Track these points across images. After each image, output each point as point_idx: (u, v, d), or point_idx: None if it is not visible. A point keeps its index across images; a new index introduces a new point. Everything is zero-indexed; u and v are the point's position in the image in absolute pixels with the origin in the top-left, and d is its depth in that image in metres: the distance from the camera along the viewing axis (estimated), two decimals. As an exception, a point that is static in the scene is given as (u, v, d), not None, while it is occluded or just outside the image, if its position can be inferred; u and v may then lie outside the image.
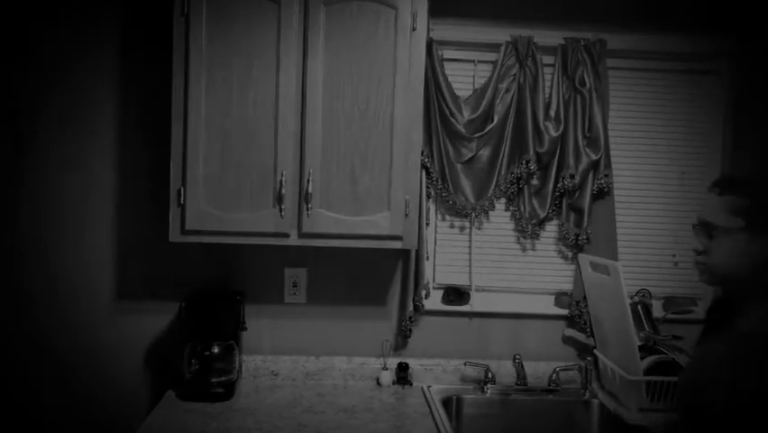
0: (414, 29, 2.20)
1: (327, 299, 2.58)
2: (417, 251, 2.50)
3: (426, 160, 2.49)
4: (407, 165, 2.22)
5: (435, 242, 2.65)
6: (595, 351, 2.50)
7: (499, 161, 2.53)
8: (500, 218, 2.65)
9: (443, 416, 2.23)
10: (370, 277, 2.60)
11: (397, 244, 2.25)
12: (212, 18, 2.15)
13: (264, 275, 2.55)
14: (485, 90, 2.51)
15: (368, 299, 2.60)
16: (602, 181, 2.50)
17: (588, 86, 2.49)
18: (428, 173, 2.53)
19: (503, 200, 2.63)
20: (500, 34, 2.53)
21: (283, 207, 2.19)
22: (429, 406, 2.32)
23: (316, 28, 2.16)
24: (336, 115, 2.19)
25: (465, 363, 2.54)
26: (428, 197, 2.57)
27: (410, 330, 2.57)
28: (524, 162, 2.51)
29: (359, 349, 2.59)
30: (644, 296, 2.55)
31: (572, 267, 2.63)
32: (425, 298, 2.55)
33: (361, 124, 2.20)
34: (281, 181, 2.17)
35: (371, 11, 2.18)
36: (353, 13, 2.18)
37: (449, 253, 2.66)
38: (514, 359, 2.51)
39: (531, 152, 2.50)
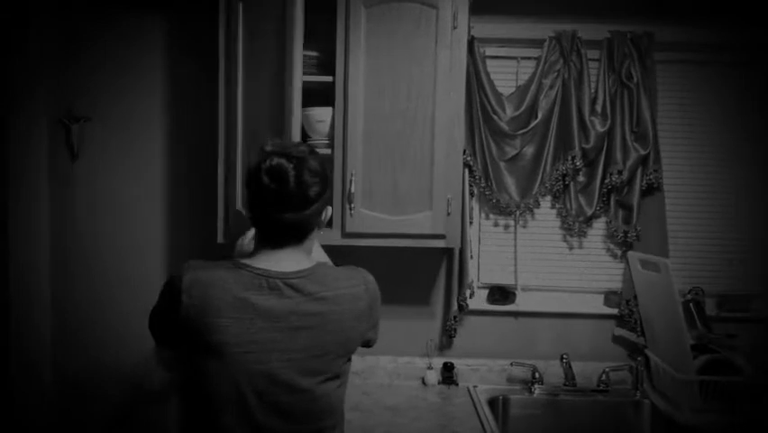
0: (455, 27, 2.25)
1: (372, 299, 2.64)
2: (461, 250, 2.54)
3: (469, 158, 2.54)
4: (449, 163, 2.27)
5: (479, 241, 2.69)
6: (646, 351, 2.50)
7: (544, 158, 2.56)
8: (546, 216, 2.67)
9: (489, 415, 2.27)
10: (415, 277, 2.65)
11: (439, 243, 2.30)
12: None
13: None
14: (528, 87, 2.54)
15: (412, 298, 2.65)
16: (651, 177, 2.50)
17: (635, 79, 2.49)
18: (471, 171, 2.57)
19: (548, 198, 2.65)
20: (543, 30, 2.55)
21: (326, 207, 2.26)
22: (475, 406, 2.37)
23: (357, 30, 2.23)
24: (377, 115, 2.25)
25: (511, 364, 2.57)
26: (471, 195, 2.61)
27: (455, 330, 2.61)
28: (569, 159, 2.52)
29: (404, 349, 2.65)
30: (696, 294, 2.53)
31: (622, 265, 2.63)
32: (470, 297, 2.59)
33: (401, 123, 2.25)
34: (324, 182, 2.25)
35: (412, 11, 2.24)
36: (393, 14, 2.24)
37: (493, 252, 2.69)
38: (561, 359, 2.52)
39: (576, 148, 2.51)
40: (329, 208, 1.54)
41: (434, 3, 2.23)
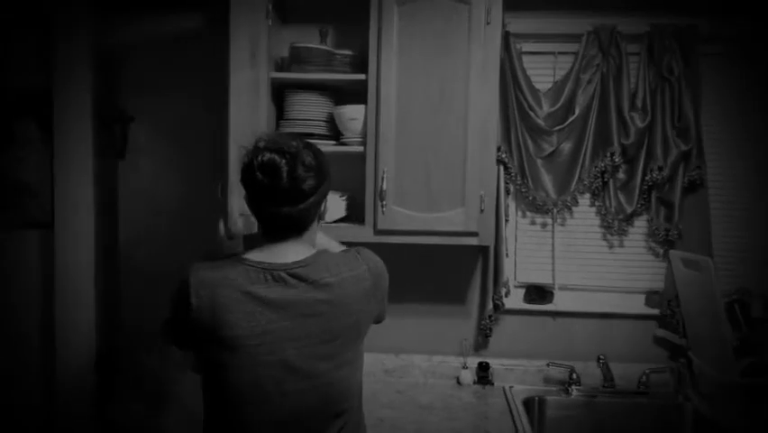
0: (488, 23, 2.24)
1: (407, 297, 2.65)
2: (496, 248, 2.52)
3: (504, 155, 2.51)
4: (482, 160, 2.26)
5: (516, 239, 2.66)
6: (689, 352, 2.43)
7: (582, 155, 2.51)
8: (585, 214, 2.62)
9: (524, 416, 2.24)
10: (450, 275, 2.64)
11: (472, 241, 2.28)
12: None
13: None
14: (565, 82, 2.51)
15: (447, 297, 2.64)
16: (694, 173, 2.43)
17: (676, 73, 2.42)
18: (506, 169, 2.54)
19: (587, 195, 2.60)
20: (581, 24, 2.51)
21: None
22: (509, 406, 2.34)
23: (390, 28, 2.24)
24: (410, 112, 2.26)
25: (548, 364, 2.53)
26: (507, 193, 2.58)
27: (490, 329, 2.59)
28: (608, 155, 2.47)
29: (439, 347, 2.64)
30: (743, 294, 2.44)
31: (664, 264, 2.56)
32: (505, 296, 2.57)
33: (434, 119, 2.25)
34: (357, 179, 2.27)
35: (444, 7, 2.24)
36: (426, 11, 2.24)
37: (530, 251, 2.66)
38: (598, 360, 2.47)
39: (616, 144, 2.46)
40: (328, 201, 1.58)
41: (467, -2, 2.23)
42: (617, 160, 2.46)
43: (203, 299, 1.44)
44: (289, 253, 1.49)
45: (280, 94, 2.47)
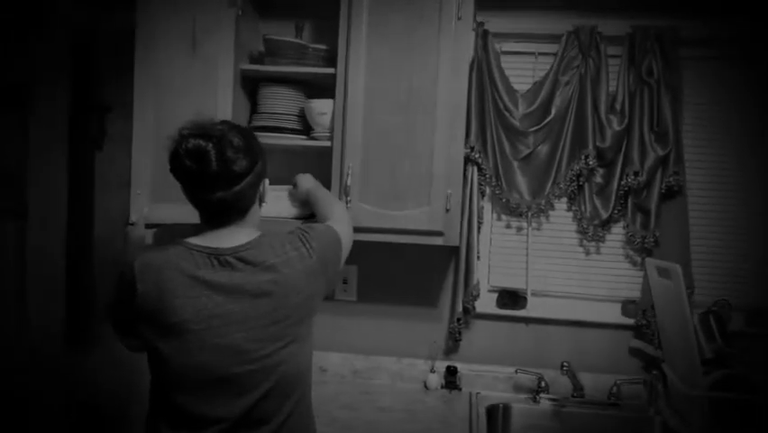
0: (459, 18, 2.21)
1: (378, 298, 2.62)
2: (467, 250, 2.48)
3: (478, 155, 2.47)
4: (450, 158, 2.22)
5: (491, 242, 2.62)
6: (662, 365, 2.36)
7: (558, 157, 2.47)
8: (561, 219, 2.58)
9: (483, 423, 2.20)
10: (422, 277, 2.61)
11: (437, 241, 2.25)
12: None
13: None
14: (543, 83, 2.47)
15: (419, 299, 2.61)
16: (672, 179, 2.37)
17: (656, 76, 2.37)
18: (480, 170, 2.50)
19: (565, 200, 2.55)
20: (563, 24, 2.47)
21: (322, 199, 2.26)
22: (470, 412, 2.29)
23: (359, 21, 2.22)
24: (378, 107, 2.24)
25: (516, 371, 2.48)
26: (482, 195, 2.54)
27: (459, 332, 2.54)
28: (583, 158, 2.42)
29: (409, 350, 2.61)
30: (722, 306, 2.37)
31: (641, 273, 2.50)
32: (475, 299, 2.52)
33: (402, 115, 2.23)
34: (322, 173, 2.25)
35: (415, 1, 2.22)
36: (397, 4, 2.22)
37: (505, 255, 2.62)
38: (561, 367, 2.41)
39: (590, 147, 2.41)
40: (266, 181, 1.58)
41: (437, -8, 2.21)
42: (591, 162, 2.41)
43: (148, 284, 1.43)
44: (234, 236, 1.49)
45: (256, 88, 2.47)
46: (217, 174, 1.42)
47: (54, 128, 2.64)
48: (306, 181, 2.13)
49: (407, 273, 2.61)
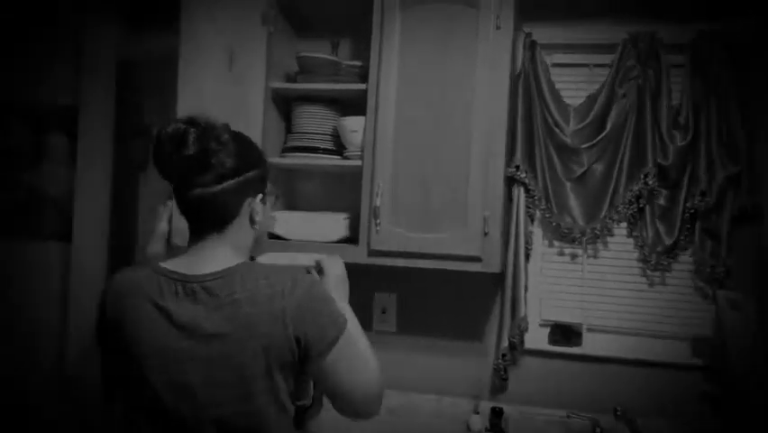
0: (498, 27, 2.07)
1: (418, 330, 2.46)
2: (514, 280, 2.29)
3: (524, 175, 2.28)
4: (488, 177, 2.07)
5: (541, 271, 2.41)
6: (736, 410, 2.06)
7: (614, 177, 2.25)
8: (621, 246, 2.34)
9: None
10: (466, 307, 2.43)
11: (474, 267, 2.08)
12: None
13: (352, 299, 2.49)
14: (597, 96, 2.27)
15: (463, 332, 2.43)
16: (745, 200, 2.10)
17: (726, 87, 2.12)
18: (528, 191, 2.31)
19: (624, 225, 2.31)
20: (618, 32, 2.27)
21: (351, 221, 2.15)
22: (513, 458, 2.08)
23: (392, 33, 2.13)
24: (409, 123, 2.12)
25: (569, 415, 2.23)
26: (531, 219, 2.35)
27: (504, 370, 2.33)
28: (642, 177, 2.19)
29: (450, 388, 2.42)
30: (808, 347, 2.06)
31: (713, 307, 2.21)
32: (522, 334, 2.30)
33: (436, 132, 2.10)
34: (350, 194, 2.14)
35: (450, 11, 2.11)
36: (431, 15, 2.12)
37: (557, 285, 2.40)
38: (615, 412, 2.14)
39: (650, 165, 2.18)
40: (265, 205, 1.42)
41: (474, 2, 2.07)
42: (650, 182, 2.18)
43: (114, 312, 1.36)
44: (210, 259, 1.34)
45: (291, 108, 2.40)
46: (193, 159, 1.28)
47: (99, 152, 2.67)
48: (336, 267, 1.56)
49: (450, 304, 2.44)
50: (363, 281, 2.46)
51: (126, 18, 2.68)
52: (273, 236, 2.24)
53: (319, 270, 1.52)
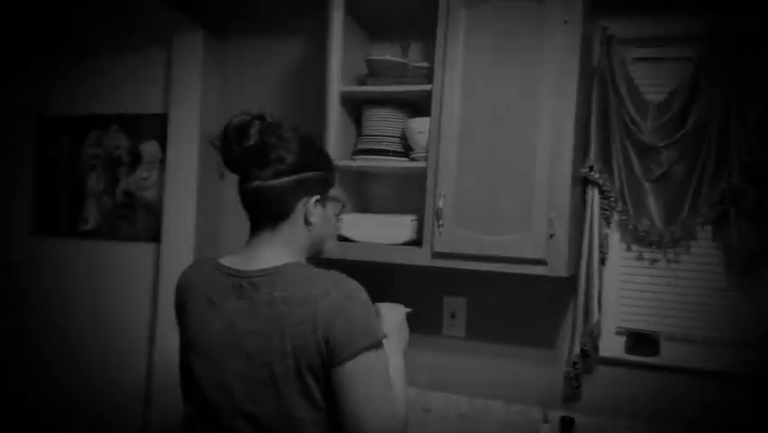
0: (565, 22, 2.00)
1: (488, 335, 2.41)
2: (587, 285, 2.19)
3: (599, 176, 2.19)
4: (553, 178, 1.99)
5: (618, 277, 2.30)
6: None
7: (696, 177, 2.11)
8: (705, 250, 2.19)
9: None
10: (537, 313, 2.36)
11: (539, 270, 2.01)
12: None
13: (422, 302, 2.48)
14: (678, 90, 2.14)
15: (534, 338, 2.36)
16: (843, 201, 1.91)
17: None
18: (602, 192, 2.21)
19: (710, 228, 2.17)
20: (700, 24, 2.13)
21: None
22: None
23: (456, 34, 2.10)
24: (475, 123, 2.08)
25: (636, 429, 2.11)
26: (608, 222, 2.25)
27: (576, 378, 2.24)
28: (725, 176, 2.04)
29: (520, 395, 2.35)
30: None
31: (810, 318, 2.03)
32: (594, 341, 2.21)
33: (500, 132, 2.05)
34: (414, 196, 2.13)
35: (516, 8, 2.05)
36: (497, 14, 2.07)
37: (635, 292, 2.28)
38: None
39: (735, 163, 2.03)
40: (316, 205, 1.44)
41: (540, -3, 2.01)
42: (734, 181, 2.02)
43: (180, 298, 1.47)
44: (262, 256, 1.40)
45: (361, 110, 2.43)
46: (252, 151, 1.35)
47: (186, 157, 2.81)
48: (394, 316, 1.60)
49: (522, 309, 2.38)
50: (433, 285, 2.46)
51: (211, 27, 2.81)
52: (342, 238, 2.27)
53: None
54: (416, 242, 2.25)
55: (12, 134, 3.25)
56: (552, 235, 1.98)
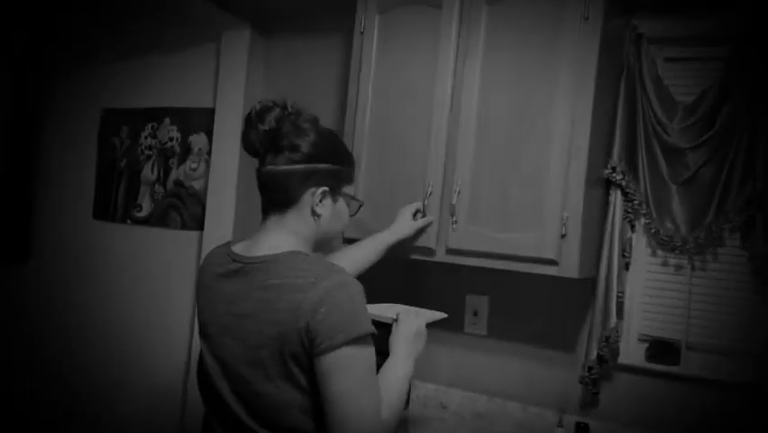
0: (586, 18, 1.97)
1: (509, 335, 2.40)
2: (606, 288, 2.15)
3: (621, 177, 2.14)
4: (568, 177, 1.97)
5: (644, 283, 2.24)
6: None
7: (722, 181, 2.03)
8: (733, 258, 2.11)
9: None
10: (560, 315, 2.33)
11: (550, 270, 1.99)
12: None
13: (445, 300, 2.49)
14: (708, 92, 2.07)
15: (554, 341, 2.33)
16: None
17: None
18: (626, 194, 2.16)
19: (738, 235, 2.08)
20: (732, 24, 2.05)
21: (426, 220, 2.16)
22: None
23: (477, 30, 2.11)
24: (490, 121, 2.09)
25: (661, 440, 2.05)
26: (632, 225, 2.19)
27: (593, 383, 2.19)
28: (751, 181, 1.96)
29: (538, 397, 2.32)
30: None
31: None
32: (612, 346, 2.15)
33: (516, 129, 2.05)
34: (430, 193, 2.14)
35: (536, 4, 2.03)
36: (516, 10, 2.06)
37: (659, 298, 2.21)
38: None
39: (762, 167, 1.95)
40: (325, 197, 1.46)
41: (560, -8, 1.99)
42: (759, 186, 1.93)
43: (199, 279, 1.58)
44: (267, 242, 1.44)
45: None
46: (267, 136, 1.41)
47: (230, 149, 2.93)
48: (410, 324, 1.61)
49: (544, 310, 2.35)
50: (455, 282, 2.46)
51: (257, 26, 2.92)
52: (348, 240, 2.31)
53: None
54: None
55: (80, 126, 3.47)
56: (564, 236, 1.96)
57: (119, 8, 3.26)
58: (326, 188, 1.46)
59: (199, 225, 3.06)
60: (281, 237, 1.44)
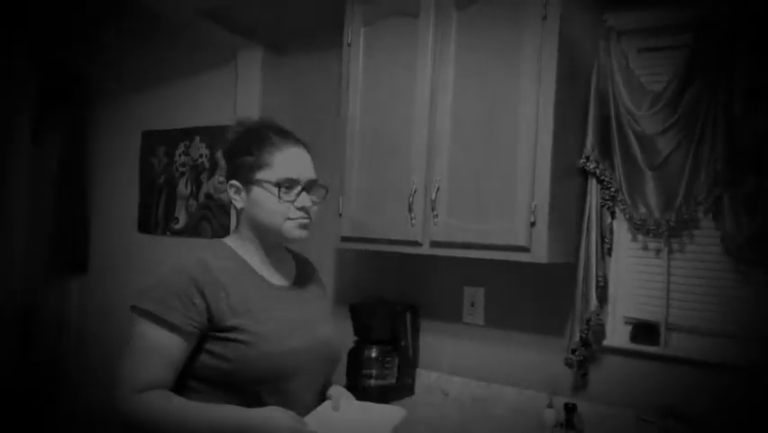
0: (544, 18, 2.09)
1: (504, 323, 2.52)
2: (585, 273, 2.24)
3: (595, 166, 2.23)
4: (535, 169, 2.09)
5: (626, 267, 2.32)
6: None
7: (688, 165, 2.10)
8: (707, 239, 2.17)
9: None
10: (551, 302, 2.43)
11: (523, 257, 2.11)
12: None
13: (444, 292, 2.64)
14: (673, 78, 2.14)
15: (545, 327, 2.44)
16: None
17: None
18: (601, 182, 2.25)
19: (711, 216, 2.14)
20: (693, 12, 2.12)
21: (413, 215, 2.31)
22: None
23: (449, 35, 2.27)
24: (463, 119, 2.24)
25: (641, 418, 2.12)
26: (611, 212, 2.27)
27: (579, 366, 2.28)
28: (713, 161, 2.02)
29: (532, 381, 2.44)
30: None
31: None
32: (591, 329, 2.23)
33: (487, 127, 2.19)
34: (414, 190, 2.30)
35: (499, 6, 2.18)
36: (483, 15, 2.21)
37: (640, 281, 2.30)
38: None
39: (720, 150, 2.01)
40: (236, 187, 1.62)
41: (523, -6, 2.12)
42: (718, 167, 2.00)
43: None
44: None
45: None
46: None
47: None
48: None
49: (536, 298, 2.47)
50: (453, 275, 2.60)
51: (269, 46, 3.16)
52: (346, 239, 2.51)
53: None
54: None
55: (126, 147, 3.81)
56: (533, 223, 2.08)
57: (149, 38, 3.57)
58: (234, 181, 1.61)
59: (227, 233, 3.30)
60: (234, 230, 1.71)
